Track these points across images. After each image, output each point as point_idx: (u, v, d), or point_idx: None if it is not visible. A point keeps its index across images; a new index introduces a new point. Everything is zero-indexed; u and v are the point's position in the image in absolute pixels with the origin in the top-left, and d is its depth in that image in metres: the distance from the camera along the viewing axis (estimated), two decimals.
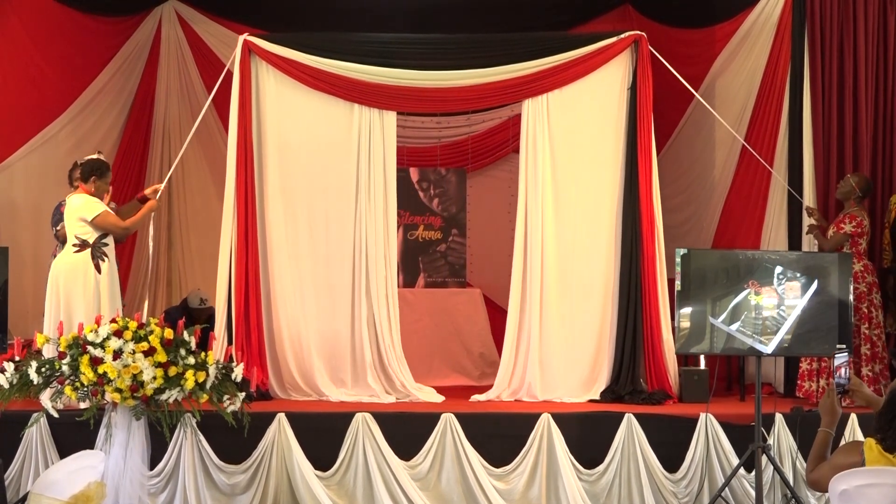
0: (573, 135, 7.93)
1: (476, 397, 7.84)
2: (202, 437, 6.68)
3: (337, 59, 7.85)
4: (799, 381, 7.78)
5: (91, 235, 7.05)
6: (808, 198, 8.10)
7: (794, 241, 8.21)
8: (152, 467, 6.55)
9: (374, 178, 7.86)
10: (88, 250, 7.03)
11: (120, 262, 8.26)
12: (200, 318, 8.53)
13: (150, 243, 7.46)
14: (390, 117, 7.96)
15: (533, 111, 7.94)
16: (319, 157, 7.90)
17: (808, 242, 8.06)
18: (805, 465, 6.61)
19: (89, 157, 7.41)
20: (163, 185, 7.66)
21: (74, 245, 7.05)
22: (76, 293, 6.96)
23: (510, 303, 7.98)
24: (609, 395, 7.72)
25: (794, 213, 8.24)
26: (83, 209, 7.05)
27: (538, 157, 7.91)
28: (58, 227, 7.63)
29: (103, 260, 7.08)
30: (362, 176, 7.87)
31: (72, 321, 6.72)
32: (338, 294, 7.87)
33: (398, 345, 7.90)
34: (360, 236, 7.85)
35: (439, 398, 7.80)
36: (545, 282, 7.84)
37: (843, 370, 5.55)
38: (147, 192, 7.51)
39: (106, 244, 7.13)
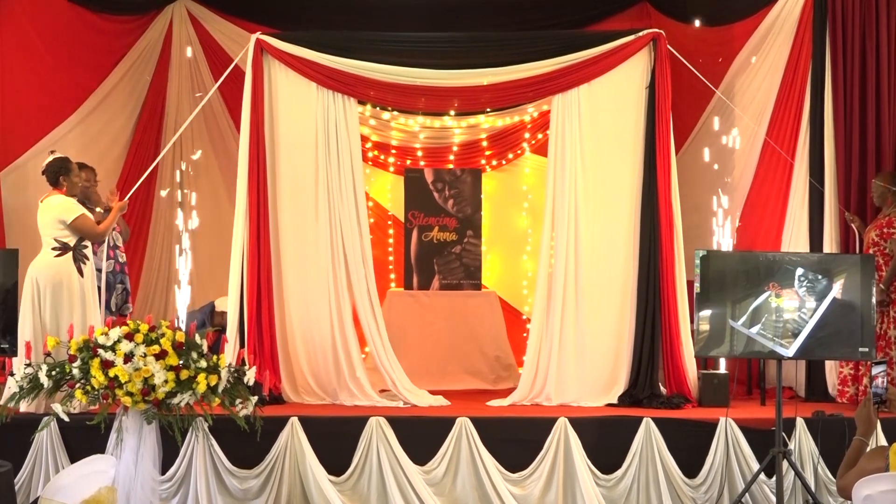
0: (592, 134, 7.84)
1: (498, 402, 7.72)
2: (214, 442, 6.64)
3: (354, 58, 7.80)
4: (840, 387, 7.71)
5: (71, 238, 6.94)
6: (830, 196, 8.03)
7: (816, 243, 8.09)
8: (164, 472, 6.50)
9: (343, 171, 7.76)
10: (70, 254, 6.92)
11: (132, 264, 8.21)
12: (223, 322, 8.45)
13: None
14: (351, 106, 7.86)
15: (563, 108, 7.84)
16: (332, 157, 7.81)
17: (830, 243, 7.97)
18: (826, 470, 6.57)
19: (46, 161, 7.18)
20: (129, 195, 7.60)
21: (54, 249, 6.92)
22: (62, 299, 6.86)
23: (535, 307, 7.91)
24: (627, 399, 7.63)
25: (815, 213, 8.15)
26: (62, 211, 6.94)
27: (566, 158, 7.80)
28: None
29: (84, 263, 6.99)
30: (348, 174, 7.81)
31: (60, 328, 6.67)
32: (335, 295, 7.76)
33: (387, 344, 7.79)
34: (340, 235, 7.76)
35: (431, 399, 7.65)
36: (566, 284, 7.74)
37: (880, 379, 5.49)
38: (117, 202, 7.40)
39: (86, 246, 7.05)
